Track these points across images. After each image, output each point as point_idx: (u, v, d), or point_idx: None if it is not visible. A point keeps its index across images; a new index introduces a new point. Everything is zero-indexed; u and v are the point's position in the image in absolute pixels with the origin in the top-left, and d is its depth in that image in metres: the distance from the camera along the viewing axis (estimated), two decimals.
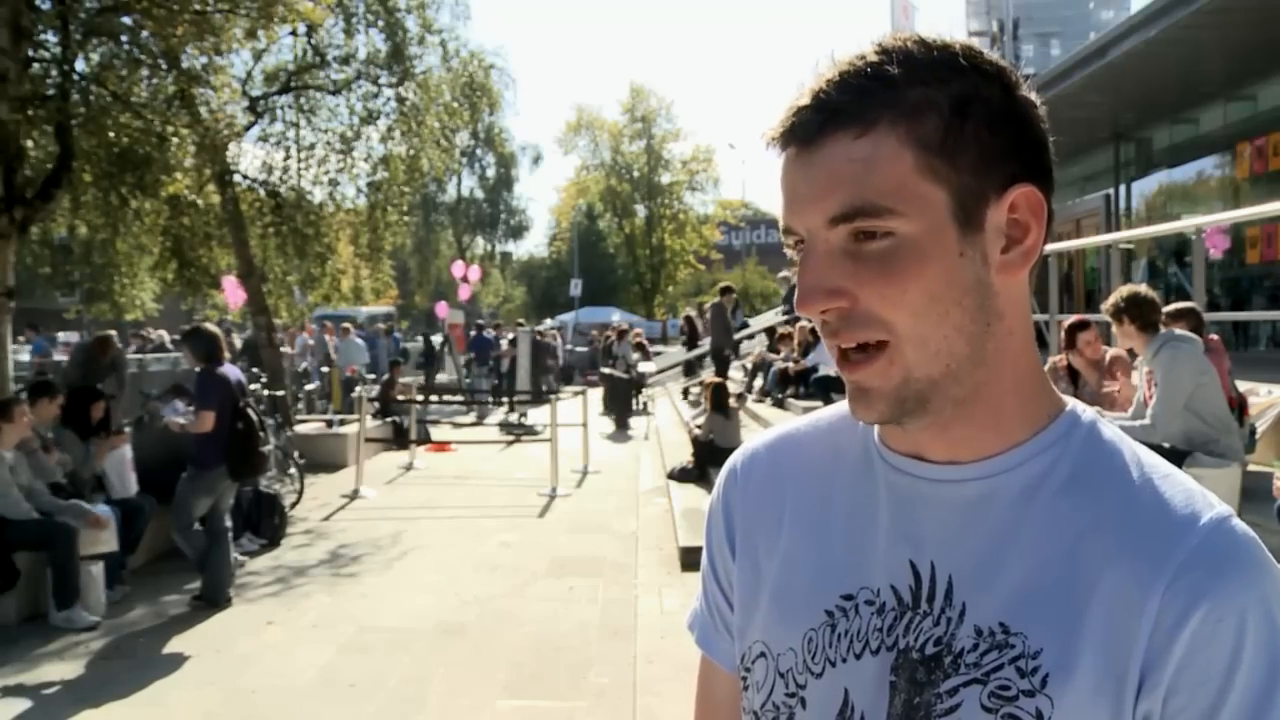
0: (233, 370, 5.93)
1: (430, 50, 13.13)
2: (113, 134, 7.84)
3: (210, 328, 6.04)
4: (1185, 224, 8.65)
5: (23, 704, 4.18)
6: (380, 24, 12.20)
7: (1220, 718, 0.60)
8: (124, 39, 8.28)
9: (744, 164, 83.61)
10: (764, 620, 0.77)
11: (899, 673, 0.68)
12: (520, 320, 22.61)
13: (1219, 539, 0.62)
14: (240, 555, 6.40)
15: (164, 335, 18.99)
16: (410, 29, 12.56)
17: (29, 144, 7.75)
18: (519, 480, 9.77)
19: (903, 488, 0.72)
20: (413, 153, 12.87)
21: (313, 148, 12.16)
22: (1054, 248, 7.56)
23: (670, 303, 41.79)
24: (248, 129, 11.25)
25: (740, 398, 10.40)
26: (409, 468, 10.59)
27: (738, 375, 13.43)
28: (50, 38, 7.97)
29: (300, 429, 11.08)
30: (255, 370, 11.27)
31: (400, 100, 12.49)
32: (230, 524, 5.92)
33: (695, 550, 6.10)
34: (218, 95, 9.30)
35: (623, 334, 18.66)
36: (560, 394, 12.53)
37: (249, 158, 11.83)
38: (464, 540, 7.21)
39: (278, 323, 13.64)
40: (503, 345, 18.86)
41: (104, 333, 10.68)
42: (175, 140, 8.30)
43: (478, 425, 14.07)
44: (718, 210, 42.04)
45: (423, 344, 20.77)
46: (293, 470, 8.59)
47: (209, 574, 5.59)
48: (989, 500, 0.68)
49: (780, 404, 10.24)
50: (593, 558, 6.59)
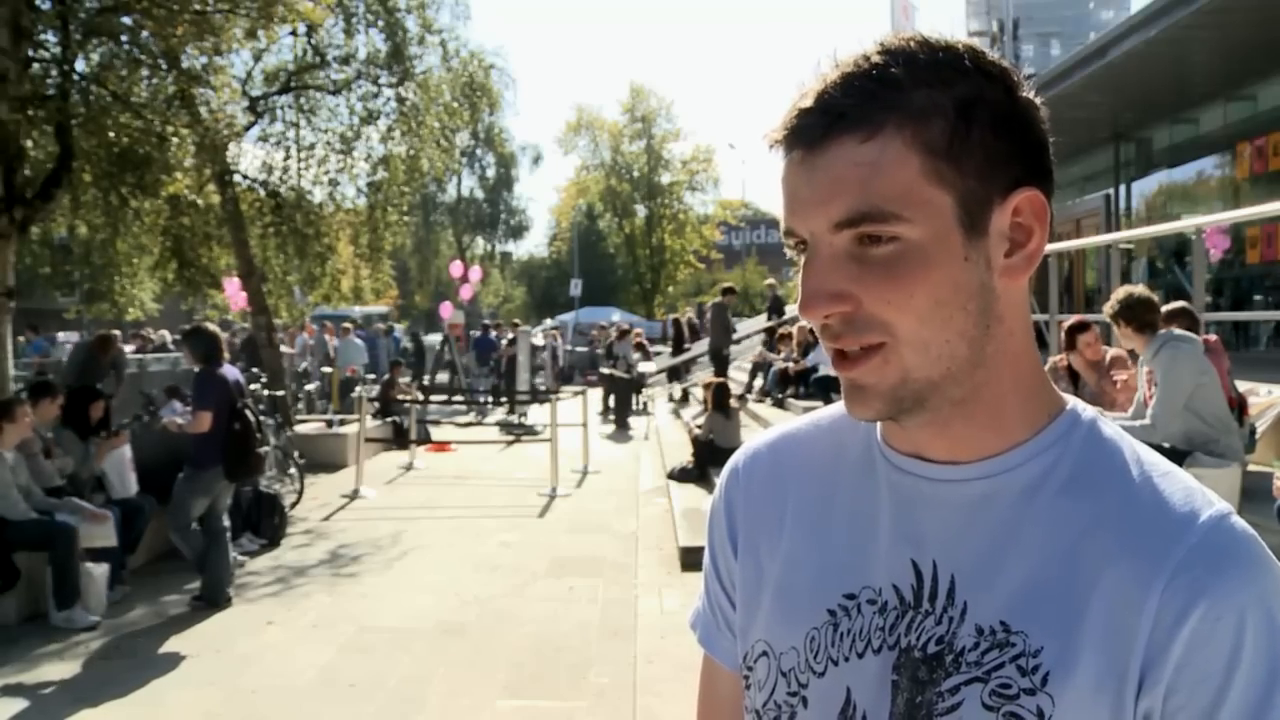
0: (232, 370, 5.92)
1: (430, 50, 13.15)
2: (113, 134, 7.83)
3: (210, 327, 6.03)
4: (1185, 224, 8.65)
5: (23, 704, 4.18)
6: (380, 24, 12.20)
7: (1220, 715, 0.60)
8: (124, 39, 8.27)
9: (744, 164, 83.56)
10: (766, 619, 0.77)
11: (901, 671, 0.68)
12: (516, 320, 22.59)
13: (1218, 537, 0.63)
14: (240, 555, 6.40)
15: (165, 335, 18.99)
16: (410, 29, 12.57)
17: (29, 144, 7.75)
18: (519, 480, 9.77)
19: (904, 487, 0.72)
20: (413, 153, 12.87)
21: (313, 148, 12.17)
22: (1054, 248, 7.56)
23: (670, 303, 41.78)
24: (248, 129, 11.25)
25: (741, 399, 10.40)
26: (409, 468, 10.59)
27: (739, 376, 13.43)
28: (50, 38, 7.97)
29: (300, 429, 11.08)
30: (255, 370, 11.27)
31: (400, 100, 12.50)
32: (229, 524, 5.92)
33: (695, 550, 6.10)
34: (218, 95, 9.29)
35: (623, 334, 18.63)
36: (560, 394, 12.52)
37: (249, 158, 11.84)
38: (464, 540, 7.21)
39: (278, 323, 13.64)
40: (501, 345, 18.86)
41: (105, 332, 10.68)
42: (175, 140, 8.29)
43: (475, 425, 14.05)
44: (718, 210, 42.02)
45: (412, 344, 20.77)
46: (293, 470, 8.59)
47: (208, 574, 5.59)
48: (990, 499, 0.69)
49: (780, 404, 10.25)
50: (593, 558, 6.59)
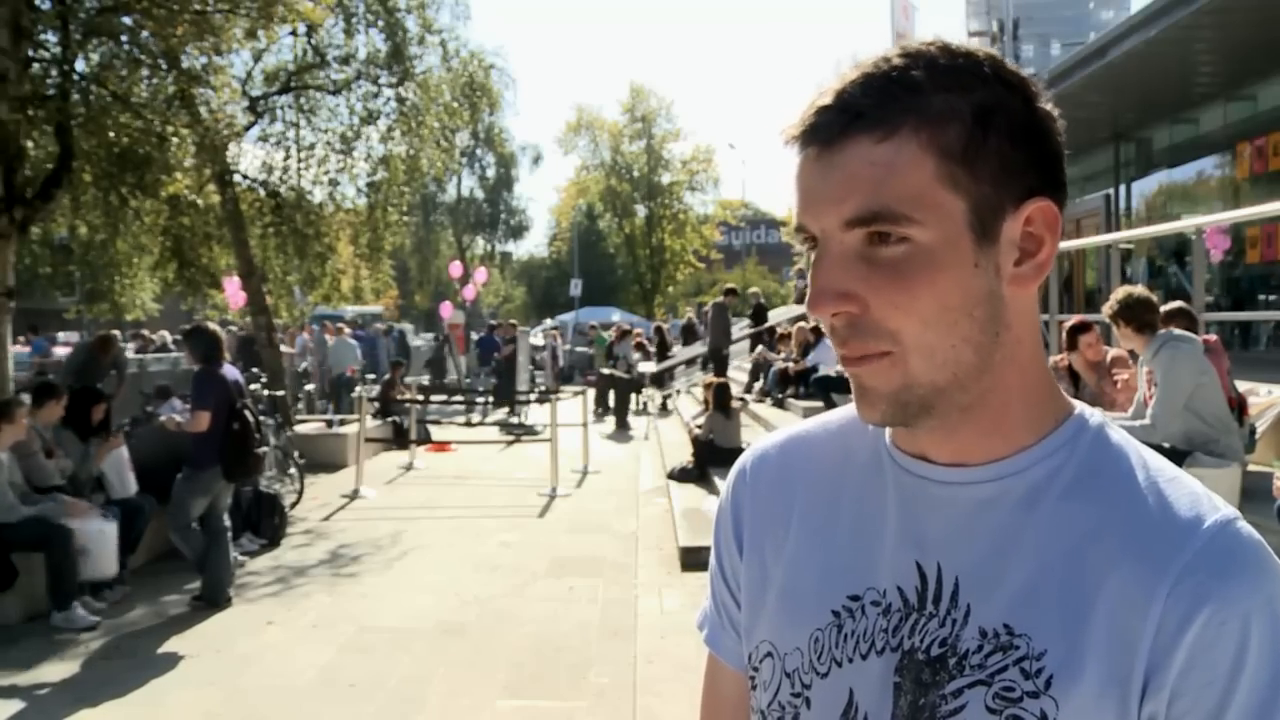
0: (232, 370, 5.91)
1: (430, 50, 13.16)
2: (113, 134, 7.84)
3: (211, 327, 6.01)
4: (1185, 224, 8.65)
5: (23, 704, 4.18)
6: (380, 24, 12.21)
7: (1225, 719, 0.59)
8: (124, 39, 8.27)
9: (744, 164, 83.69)
10: (771, 620, 0.77)
11: (904, 673, 0.68)
12: (513, 320, 22.57)
13: (1224, 541, 0.62)
14: (240, 555, 6.39)
15: (165, 335, 18.97)
16: (410, 29, 12.57)
17: (29, 144, 7.74)
18: (519, 480, 9.77)
19: (911, 488, 0.72)
20: (413, 153, 12.87)
21: (313, 148, 12.17)
22: None
23: (670, 303, 41.79)
24: (248, 129, 11.26)
25: (740, 401, 10.39)
26: (409, 468, 10.59)
27: (737, 377, 13.42)
28: (50, 38, 7.97)
29: (300, 429, 11.08)
30: (255, 370, 11.27)
31: (400, 100, 12.50)
32: (229, 524, 5.91)
33: (695, 550, 6.10)
34: (218, 95, 9.29)
35: (624, 334, 18.63)
36: (560, 394, 12.52)
37: (249, 158, 11.84)
38: (464, 540, 7.21)
39: (278, 323, 13.63)
40: (502, 346, 18.82)
41: (106, 333, 10.67)
42: (175, 140, 8.29)
43: (471, 426, 14.05)
44: (718, 210, 42.03)
45: (396, 345, 20.68)
46: (292, 470, 8.59)
47: (208, 574, 5.58)
48: (995, 502, 0.69)
49: (780, 404, 10.24)
50: (593, 558, 6.59)
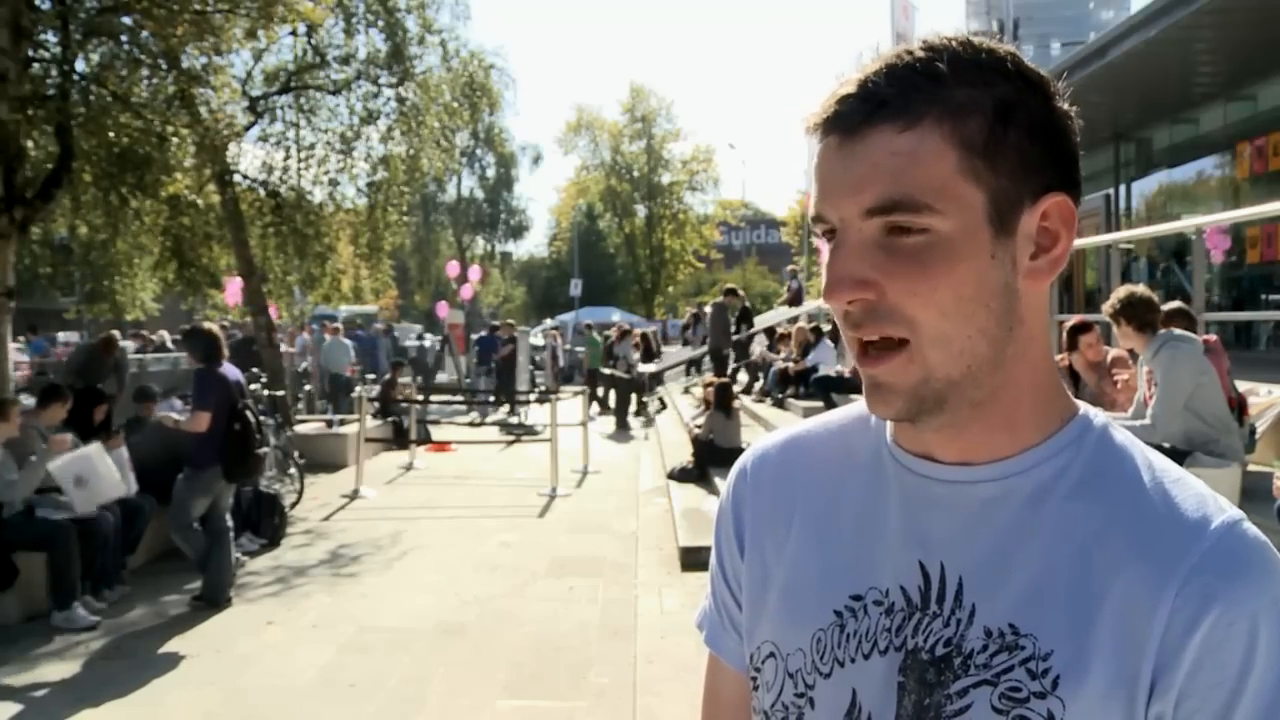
0: (232, 370, 5.89)
1: (430, 50, 13.14)
2: (113, 134, 7.84)
3: (209, 327, 6.00)
4: (1185, 224, 8.65)
5: (23, 704, 4.17)
6: (380, 24, 12.20)
7: None
8: (124, 39, 8.28)
9: (744, 164, 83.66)
10: (773, 620, 0.77)
11: (907, 673, 0.68)
12: (511, 320, 22.56)
13: (1230, 542, 0.62)
14: (240, 555, 6.39)
15: (164, 335, 18.96)
16: (410, 29, 12.56)
17: (29, 144, 7.75)
18: (519, 480, 9.76)
19: (914, 488, 0.72)
20: (413, 153, 12.87)
21: (313, 148, 12.16)
22: None
23: (670, 303, 41.82)
24: (248, 129, 11.25)
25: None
26: (409, 468, 10.59)
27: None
28: (50, 38, 7.97)
29: (300, 429, 11.08)
30: (255, 370, 11.26)
31: (400, 100, 12.50)
32: (231, 524, 5.91)
33: (695, 550, 6.10)
34: (218, 95, 9.30)
35: (624, 334, 18.61)
36: (560, 394, 12.52)
37: (249, 158, 11.83)
38: (464, 540, 7.21)
39: (278, 323, 13.64)
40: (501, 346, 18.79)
41: (108, 334, 10.68)
42: (175, 140, 8.30)
43: (474, 426, 14.05)
44: (718, 210, 42.09)
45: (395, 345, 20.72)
46: (292, 470, 8.59)
47: (209, 574, 5.58)
48: (1000, 502, 0.68)
49: (780, 404, 10.24)
50: (593, 558, 6.59)
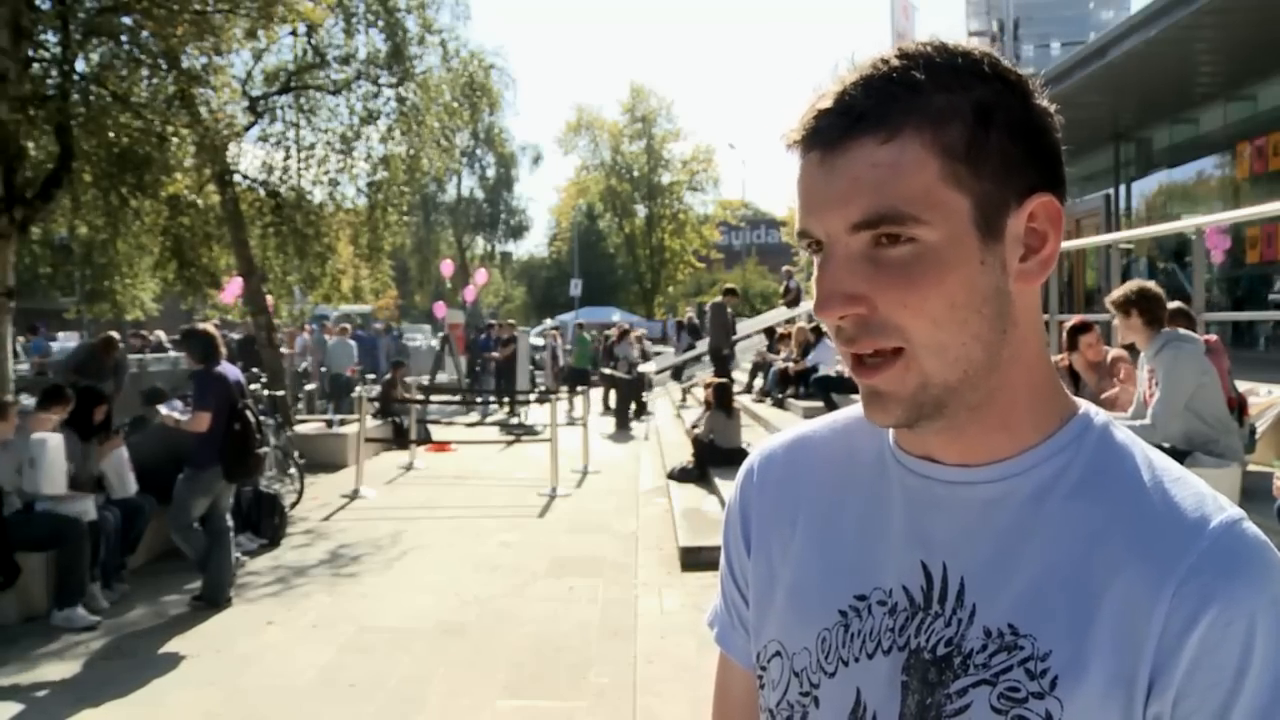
0: (232, 370, 5.90)
1: (430, 50, 13.16)
2: (113, 134, 7.84)
3: (206, 327, 5.99)
4: (1185, 224, 8.65)
5: (23, 704, 4.17)
6: (380, 24, 12.21)
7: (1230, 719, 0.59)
8: (124, 39, 8.29)
9: (744, 164, 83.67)
10: (779, 619, 0.78)
11: (911, 673, 0.68)
12: (512, 320, 22.54)
13: (1229, 542, 0.62)
14: (240, 555, 6.39)
15: (161, 336, 18.96)
16: (410, 29, 12.57)
17: (29, 144, 7.75)
18: (519, 480, 9.76)
19: (916, 489, 0.72)
20: (413, 153, 12.87)
21: (313, 148, 12.17)
22: None
23: (670, 303, 41.81)
24: (248, 129, 11.26)
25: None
26: (409, 468, 10.59)
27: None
28: (50, 38, 7.98)
29: (300, 429, 11.08)
30: (255, 370, 11.27)
31: (400, 100, 12.50)
32: (231, 523, 5.91)
33: (695, 550, 6.10)
34: (218, 95, 9.30)
35: (624, 334, 18.61)
36: (560, 394, 12.52)
37: (249, 158, 11.84)
38: (464, 540, 7.21)
39: (277, 323, 13.64)
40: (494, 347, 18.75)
41: (108, 334, 10.68)
42: (175, 140, 8.31)
43: (469, 427, 14.05)
44: (718, 210, 42.09)
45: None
46: (293, 470, 8.59)
47: (209, 574, 5.58)
48: (1001, 502, 0.69)
49: (780, 404, 10.24)
50: (593, 558, 6.59)
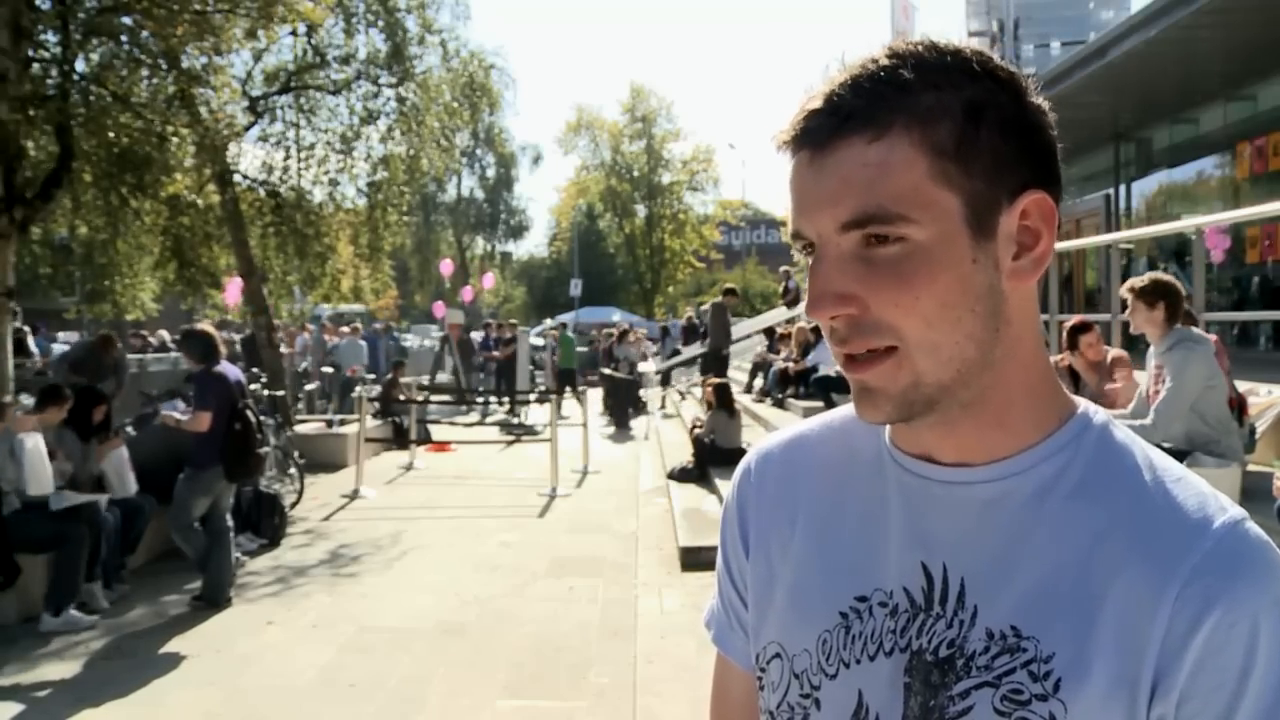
0: (232, 370, 5.89)
1: (430, 50, 13.15)
2: (113, 134, 7.84)
3: (205, 328, 5.98)
4: (1185, 224, 8.64)
5: (23, 704, 4.17)
6: (380, 24, 12.20)
7: None
8: (124, 39, 8.28)
9: (744, 164, 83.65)
10: (779, 621, 0.77)
11: (913, 674, 0.68)
12: (513, 320, 22.51)
13: (1232, 542, 0.62)
14: (240, 555, 6.38)
15: (164, 335, 18.96)
16: (410, 29, 12.57)
17: (29, 144, 7.74)
18: (519, 480, 9.76)
19: (914, 489, 0.72)
20: (413, 153, 12.87)
21: (313, 148, 12.16)
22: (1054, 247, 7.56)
23: (670, 303, 41.82)
24: (248, 129, 11.25)
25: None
26: (409, 468, 10.59)
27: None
28: (50, 38, 7.98)
29: (300, 429, 11.08)
30: (255, 370, 11.26)
31: (400, 100, 12.49)
32: (231, 523, 5.91)
33: (695, 550, 6.10)
34: (218, 95, 9.30)
35: (624, 334, 18.61)
36: (559, 395, 12.52)
37: (249, 158, 11.83)
38: (464, 540, 7.21)
39: (277, 323, 13.63)
40: (488, 347, 18.77)
41: (108, 333, 10.68)
42: (175, 140, 8.30)
43: (468, 427, 14.05)
44: (718, 210, 42.07)
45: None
46: (293, 470, 8.58)
47: (209, 574, 5.58)
48: (1001, 502, 0.68)
49: (780, 404, 10.23)
50: (593, 558, 6.59)
